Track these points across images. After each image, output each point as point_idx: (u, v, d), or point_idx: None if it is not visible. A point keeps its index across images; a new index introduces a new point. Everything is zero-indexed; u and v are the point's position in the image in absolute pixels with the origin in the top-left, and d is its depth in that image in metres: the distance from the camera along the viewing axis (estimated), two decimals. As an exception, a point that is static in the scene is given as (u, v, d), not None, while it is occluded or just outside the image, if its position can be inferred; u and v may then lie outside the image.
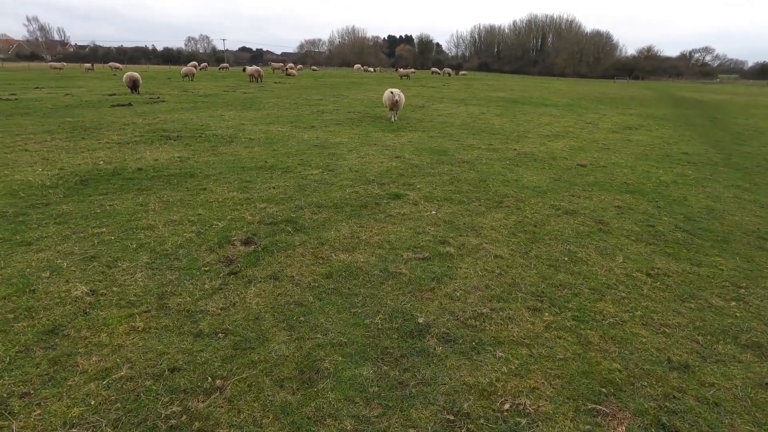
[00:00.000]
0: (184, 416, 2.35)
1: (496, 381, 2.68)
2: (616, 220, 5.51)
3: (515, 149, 9.68)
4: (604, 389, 2.65)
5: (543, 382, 2.69)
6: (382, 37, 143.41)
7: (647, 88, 48.55)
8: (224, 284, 3.66)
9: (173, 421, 2.31)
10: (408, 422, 2.37)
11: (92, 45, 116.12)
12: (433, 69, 66.50)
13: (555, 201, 6.15)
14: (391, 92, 12.78)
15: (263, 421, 2.35)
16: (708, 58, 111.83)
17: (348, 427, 2.33)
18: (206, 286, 3.62)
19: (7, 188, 5.84)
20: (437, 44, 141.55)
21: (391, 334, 3.09)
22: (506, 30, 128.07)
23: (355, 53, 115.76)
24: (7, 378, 2.55)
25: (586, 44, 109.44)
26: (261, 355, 2.83)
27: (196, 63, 50.93)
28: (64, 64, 53.30)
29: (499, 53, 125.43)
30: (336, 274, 3.88)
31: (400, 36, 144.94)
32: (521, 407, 2.49)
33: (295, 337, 3.02)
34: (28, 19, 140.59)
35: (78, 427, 2.26)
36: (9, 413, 2.32)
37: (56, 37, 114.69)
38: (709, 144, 11.63)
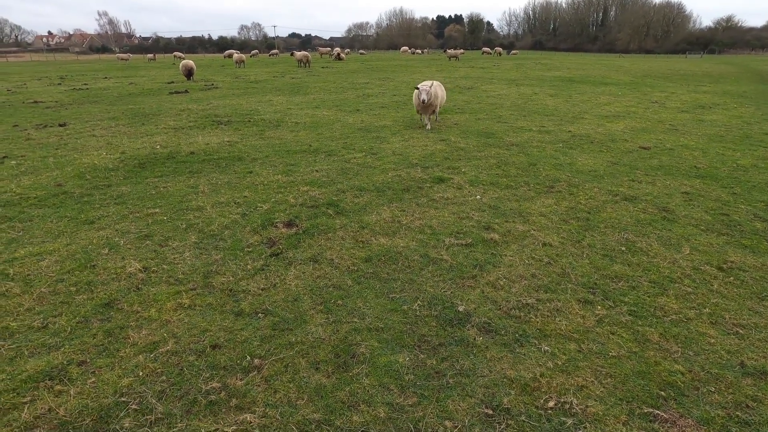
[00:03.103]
0: (223, 393, 2.40)
1: (540, 376, 2.52)
2: (683, 207, 5.01)
3: (569, 131, 9.09)
4: (663, 392, 2.41)
5: (593, 381, 2.49)
6: (431, 18, 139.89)
7: (725, 63, 43.88)
8: (266, 265, 3.72)
9: (212, 397, 2.37)
10: (444, 414, 2.29)
11: (155, 36, 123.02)
12: (485, 49, 63.98)
13: (613, 186, 5.70)
14: (417, 89, 8.42)
15: (298, 402, 2.35)
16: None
17: (382, 415, 2.28)
18: (249, 266, 3.70)
19: (76, 171, 6.30)
20: (488, 23, 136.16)
21: (429, 322, 2.99)
22: (563, 5, 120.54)
23: (402, 35, 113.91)
24: (67, 347, 2.74)
25: (654, 16, 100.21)
26: (298, 337, 2.84)
27: (233, 51, 51.09)
28: (130, 55, 56.97)
29: (555, 30, 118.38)
30: (375, 259, 3.82)
31: (450, 16, 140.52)
32: (567, 406, 2.32)
33: (332, 320, 3.00)
34: (99, 14, 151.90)
35: (127, 396, 2.38)
36: (68, 379, 2.49)
37: (123, 30, 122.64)
38: (798, 123, 10.29)
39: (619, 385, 2.46)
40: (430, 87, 8.41)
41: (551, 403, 2.33)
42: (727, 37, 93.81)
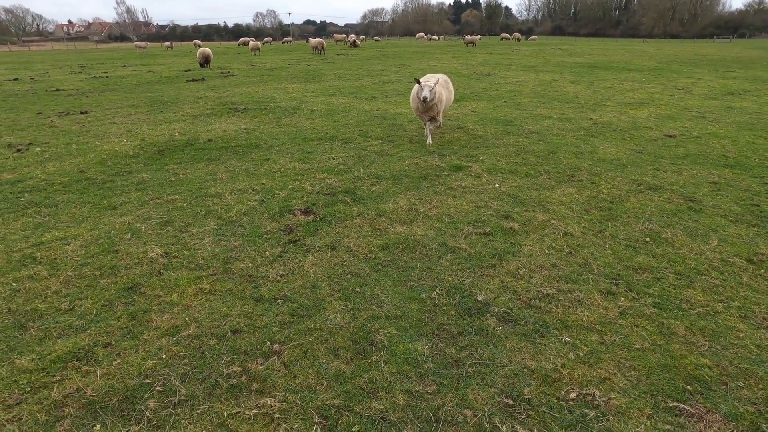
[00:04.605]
0: (244, 377, 2.43)
1: (561, 367, 2.48)
2: (710, 197, 4.85)
3: (591, 118, 8.86)
4: (689, 386, 2.35)
5: (616, 373, 2.44)
6: (447, 3, 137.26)
7: (756, 48, 42.06)
8: (284, 252, 3.74)
9: (234, 380, 2.41)
10: (463, 402, 2.27)
11: (171, 24, 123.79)
12: (503, 34, 62.54)
13: (636, 175, 5.55)
14: (418, 84, 6.38)
15: (317, 387, 2.37)
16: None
17: (401, 402, 2.28)
18: (267, 253, 3.72)
19: (98, 157, 6.41)
20: (506, 8, 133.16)
21: (447, 311, 2.97)
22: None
23: (418, 21, 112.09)
24: (93, 329, 2.81)
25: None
26: (317, 323, 2.85)
27: (248, 39, 49.73)
28: (148, 43, 57.47)
29: (575, 15, 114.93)
30: (393, 247, 3.80)
31: (467, 1, 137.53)
32: (589, 398, 2.28)
33: (350, 308, 3.01)
34: (117, 3, 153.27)
35: (151, 378, 2.43)
36: (95, 360, 2.56)
37: (141, 18, 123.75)
38: (835, 111, 9.82)
39: (643, 378, 2.41)
40: (435, 84, 6.37)
41: (573, 395, 2.30)
42: (759, 21, 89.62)
